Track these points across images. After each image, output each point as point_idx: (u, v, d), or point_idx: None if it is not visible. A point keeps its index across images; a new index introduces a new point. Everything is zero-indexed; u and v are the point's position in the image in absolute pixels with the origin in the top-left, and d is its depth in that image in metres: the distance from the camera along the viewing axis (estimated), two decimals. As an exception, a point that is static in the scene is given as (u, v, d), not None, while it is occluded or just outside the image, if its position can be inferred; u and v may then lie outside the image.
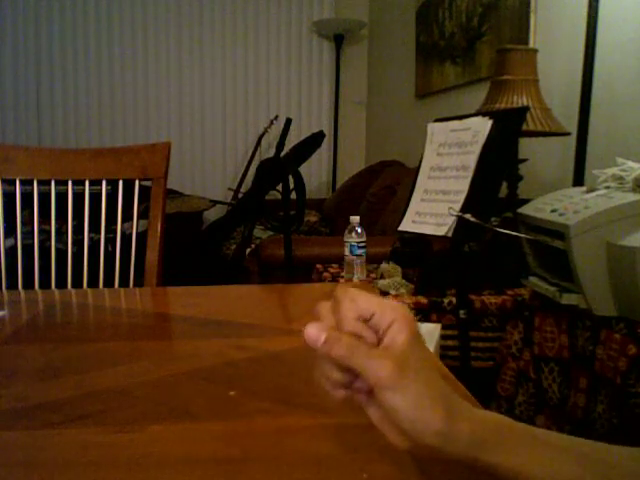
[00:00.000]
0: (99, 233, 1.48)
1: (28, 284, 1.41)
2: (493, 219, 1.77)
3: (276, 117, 4.41)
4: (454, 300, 1.70)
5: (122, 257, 1.48)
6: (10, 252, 1.45)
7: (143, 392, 0.65)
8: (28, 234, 1.46)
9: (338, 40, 4.40)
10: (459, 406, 0.41)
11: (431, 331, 1.52)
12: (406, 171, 3.29)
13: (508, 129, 1.54)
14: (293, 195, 2.01)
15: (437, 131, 1.71)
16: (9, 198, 1.46)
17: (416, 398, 0.39)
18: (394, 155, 3.87)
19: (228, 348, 0.79)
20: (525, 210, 1.43)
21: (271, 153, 4.24)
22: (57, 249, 1.48)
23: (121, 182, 1.48)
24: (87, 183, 1.48)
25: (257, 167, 2.15)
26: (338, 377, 0.41)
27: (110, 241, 1.55)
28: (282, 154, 2.26)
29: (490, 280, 1.80)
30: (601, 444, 0.43)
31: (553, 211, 1.29)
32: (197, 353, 0.78)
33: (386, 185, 3.41)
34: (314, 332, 0.41)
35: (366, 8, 4.55)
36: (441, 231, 1.53)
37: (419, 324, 1.59)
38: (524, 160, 1.97)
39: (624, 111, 1.87)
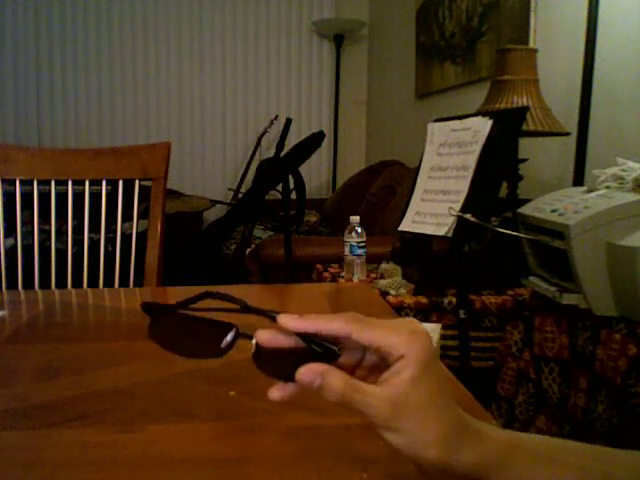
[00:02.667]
0: (99, 233, 1.48)
1: (28, 284, 1.41)
2: (493, 219, 1.77)
3: (276, 117, 4.41)
4: (454, 300, 1.70)
5: (122, 257, 1.48)
6: (10, 252, 1.45)
7: (143, 392, 0.65)
8: (28, 234, 1.46)
9: (338, 40, 4.40)
10: (464, 435, 0.40)
11: (431, 331, 1.52)
12: (406, 171, 3.29)
13: (508, 129, 1.54)
14: (293, 195, 2.00)
15: (437, 131, 1.71)
16: (9, 198, 1.46)
17: (409, 439, 0.39)
18: (394, 155, 3.86)
19: (228, 348, 0.79)
20: (525, 210, 1.43)
21: (271, 153, 4.24)
22: (57, 249, 1.48)
23: (121, 182, 1.48)
24: (87, 183, 1.48)
25: (257, 167, 2.14)
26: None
27: (110, 241, 1.55)
28: (282, 154, 2.26)
29: (490, 280, 1.80)
30: (604, 450, 0.43)
31: (553, 211, 1.29)
32: (197, 353, 0.77)
33: (386, 185, 3.40)
34: (308, 376, 0.39)
35: (366, 8, 4.55)
36: (441, 231, 1.53)
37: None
38: (524, 160, 1.97)
39: (624, 111, 1.87)
